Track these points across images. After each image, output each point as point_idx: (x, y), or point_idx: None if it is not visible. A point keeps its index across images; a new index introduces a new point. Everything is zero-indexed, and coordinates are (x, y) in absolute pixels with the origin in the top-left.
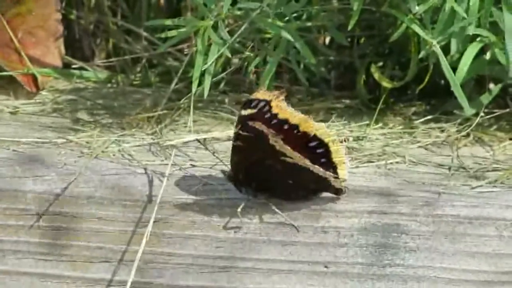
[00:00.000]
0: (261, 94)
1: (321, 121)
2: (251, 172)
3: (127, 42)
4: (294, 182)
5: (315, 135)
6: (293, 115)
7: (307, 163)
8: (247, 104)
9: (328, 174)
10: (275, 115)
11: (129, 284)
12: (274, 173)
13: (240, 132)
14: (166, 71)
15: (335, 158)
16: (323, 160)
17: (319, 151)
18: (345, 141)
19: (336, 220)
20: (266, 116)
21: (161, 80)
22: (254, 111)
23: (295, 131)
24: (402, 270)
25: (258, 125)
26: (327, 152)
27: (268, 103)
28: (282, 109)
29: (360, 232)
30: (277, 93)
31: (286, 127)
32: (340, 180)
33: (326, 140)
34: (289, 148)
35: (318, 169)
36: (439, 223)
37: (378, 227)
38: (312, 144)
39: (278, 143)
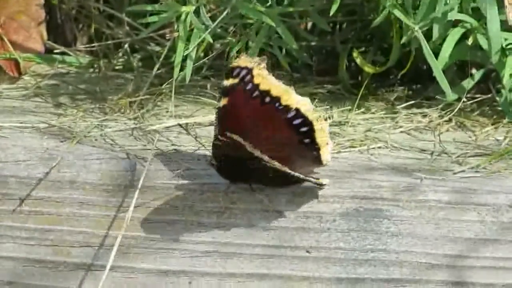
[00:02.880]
0: (243, 60)
1: None
2: (232, 163)
3: (109, 27)
4: (274, 176)
5: (299, 112)
6: (274, 86)
7: (286, 170)
8: (229, 73)
9: (309, 178)
10: (257, 86)
11: (107, 268)
12: (255, 168)
13: (219, 137)
14: (148, 56)
15: (319, 138)
16: (306, 140)
17: (303, 129)
18: (330, 118)
19: (318, 205)
20: (248, 87)
21: (143, 65)
22: (236, 81)
23: (277, 104)
24: (384, 255)
25: (236, 137)
26: (311, 131)
27: (250, 71)
28: (264, 78)
29: (342, 217)
30: (258, 59)
31: (267, 99)
32: (321, 182)
33: (310, 117)
34: (266, 157)
35: (298, 175)
36: (421, 208)
37: (360, 212)
38: (296, 122)
39: (255, 151)
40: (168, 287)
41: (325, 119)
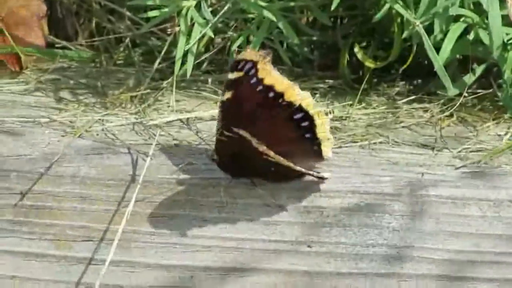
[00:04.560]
0: (248, 54)
1: None
2: (235, 159)
3: (110, 22)
4: (276, 171)
5: (300, 106)
6: (279, 81)
7: (290, 164)
8: (234, 66)
9: (311, 173)
10: (261, 80)
11: (107, 263)
12: (258, 163)
13: (224, 132)
14: (149, 51)
15: (320, 133)
16: (307, 135)
17: (303, 124)
18: (330, 113)
19: (319, 200)
20: (252, 81)
21: (144, 60)
22: (241, 74)
23: (280, 100)
24: (385, 250)
25: (243, 132)
26: (312, 126)
27: (254, 64)
28: (268, 72)
29: (343, 212)
30: (264, 53)
31: (271, 94)
32: (322, 176)
33: (311, 112)
34: (272, 152)
35: (300, 169)
36: (423, 203)
37: (362, 207)
38: (297, 116)
39: (261, 146)
40: (169, 282)
41: (326, 114)
